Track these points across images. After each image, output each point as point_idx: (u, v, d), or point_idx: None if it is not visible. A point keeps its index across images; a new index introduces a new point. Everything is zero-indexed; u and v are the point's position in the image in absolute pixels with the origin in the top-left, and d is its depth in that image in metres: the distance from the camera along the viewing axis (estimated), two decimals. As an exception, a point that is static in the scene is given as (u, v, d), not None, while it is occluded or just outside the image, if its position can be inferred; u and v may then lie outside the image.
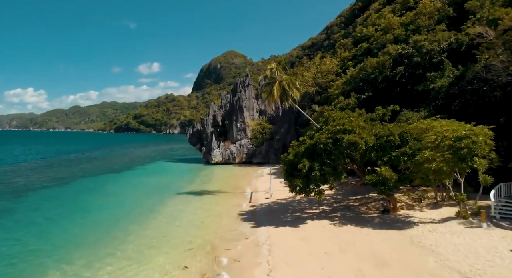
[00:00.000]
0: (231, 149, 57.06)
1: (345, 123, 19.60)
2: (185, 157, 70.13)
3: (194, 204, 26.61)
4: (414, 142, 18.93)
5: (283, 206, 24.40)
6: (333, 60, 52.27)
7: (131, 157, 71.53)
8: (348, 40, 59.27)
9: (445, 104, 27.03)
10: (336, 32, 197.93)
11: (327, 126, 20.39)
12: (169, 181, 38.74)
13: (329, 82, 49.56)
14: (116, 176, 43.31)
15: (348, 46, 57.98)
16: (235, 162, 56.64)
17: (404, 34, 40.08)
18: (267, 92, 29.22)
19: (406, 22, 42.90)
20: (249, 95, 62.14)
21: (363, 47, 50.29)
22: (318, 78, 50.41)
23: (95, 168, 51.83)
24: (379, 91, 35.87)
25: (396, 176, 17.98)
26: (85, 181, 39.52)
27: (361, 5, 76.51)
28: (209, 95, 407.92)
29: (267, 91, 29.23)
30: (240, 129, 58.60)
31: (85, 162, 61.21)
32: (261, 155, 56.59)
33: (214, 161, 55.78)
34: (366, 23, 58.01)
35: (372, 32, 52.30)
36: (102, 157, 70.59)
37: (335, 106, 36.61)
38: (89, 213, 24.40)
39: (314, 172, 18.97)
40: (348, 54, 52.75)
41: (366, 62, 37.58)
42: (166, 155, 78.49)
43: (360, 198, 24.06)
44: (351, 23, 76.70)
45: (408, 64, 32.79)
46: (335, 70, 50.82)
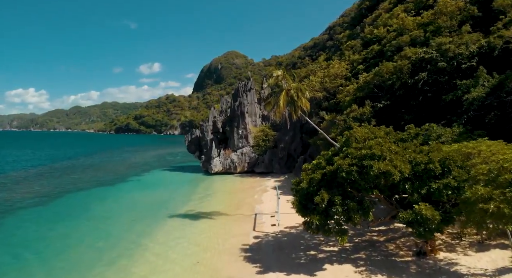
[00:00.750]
0: (232, 158, 53.49)
1: (373, 146, 16.00)
2: (183, 164, 66.61)
3: (191, 232, 23.05)
4: (459, 170, 15.32)
5: (294, 238, 20.83)
6: (341, 63, 48.67)
7: (128, 164, 68.02)
8: (356, 41, 55.70)
9: (477, 117, 23.47)
10: (339, 32, 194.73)
11: (349, 149, 16.77)
12: (164, 197, 35.19)
13: (337, 87, 45.99)
14: (107, 190, 39.76)
15: (357, 48, 54.40)
16: (236, 171, 53.07)
17: (422, 36, 36.47)
18: (272, 103, 25.69)
19: (424, 23, 39.28)
20: (251, 100, 58.56)
21: (374, 49, 46.69)
22: (325, 83, 46.81)
23: (87, 179, 48.30)
24: (397, 100, 32.30)
25: (439, 216, 14.39)
26: (72, 197, 36.00)
27: (368, 4, 72.91)
28: (210, 96, 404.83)
29: (272, 101, 25.70)
30: (241, 137, 55.03)
31: (78, 171, 57.68)
32: (264, 164, 53.01)
33: (214, 170, 52.21)
34: (376, 24, 54.40)
35: (383, 33, 48.68)
36: (97, 164, 67.08)
37: (347, 116, 33.08)
38: (67, 247, 20.90)
39: (335, 207, 15.40)
40: (358, 57, 49.14)
41: (382, 66, 33.99)
42: (164, 161, 74.97)
43: (385, 230, 20.47)
44: (358, 24, 73.08)
45: (432, 70, 29.18)
46: (344, 74, 47.21)
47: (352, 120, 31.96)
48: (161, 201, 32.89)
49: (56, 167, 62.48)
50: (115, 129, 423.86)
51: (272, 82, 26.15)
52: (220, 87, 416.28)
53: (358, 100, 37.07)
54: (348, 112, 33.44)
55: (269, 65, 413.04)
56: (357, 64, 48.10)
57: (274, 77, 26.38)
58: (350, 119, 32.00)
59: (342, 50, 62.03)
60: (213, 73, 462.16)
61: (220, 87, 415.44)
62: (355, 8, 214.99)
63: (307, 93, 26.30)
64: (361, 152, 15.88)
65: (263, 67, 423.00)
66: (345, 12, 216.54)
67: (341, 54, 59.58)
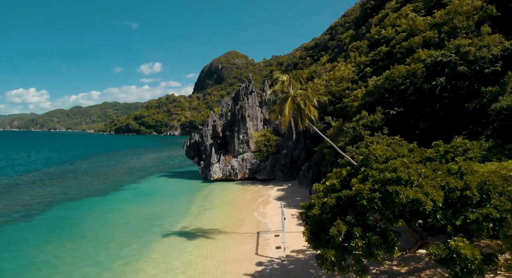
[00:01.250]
0: (232, 164, 51.12)
1: (398, 168, 13.61)
2: (182, 170, 64.28)
3: (186, 259, 20.66)
4: (501, 198, 12.94)
5: (302, 266, 18.45)
6: (348, 66, 46.27)
7: (124, 170, 65.67)
8: (363, 42, 53.30)
9: (505, 128, 21.08)
10: (340, 32, 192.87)
11: (369, 170, 14.37)
12: (159, 210, 32.81)
13: (344, 91, 43.62)
14: (99, 201, 37.38)
15: (363, 49, 52.01)
16: (236, 178, 50.71)
17: (437, 37, 34.06)
18: (277, 111, 23.34)
19: (438, 23, 36.90)
20: (253, 103, 56.23)
21: (383, 50, 44.29)
22: (331, 86, 44.43)
23: (79, 188, 45.94)
24: (410, 106, 29.90)
25: (480, 255, 12.01)
26: (61, 209, 33.67)
27: (374, 3, 70.52)
28: (210, 96, 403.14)
29: (277, 110, 23.35)
30: (242, 142, 52.68)
31: (71, 178, 55.32)
32: (266, 171, 50.64)
33: (214, 177, 49.84)
34: (384, 24, 52.00)
35: (392, 34, 46.28)
36: (92, 170, 64.73)
37: (357, 123, 30.69)
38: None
39: (354, 241, 13.05)
40: (365, 59, 46.74)
41: (393, 70, 31.60)
42: (162, 166, 72.62)
43: (407, 258, 18.07)
44: (363, 24, 70.68)
45: (450, 74, 26.78)
46: (350, 77, 44.82)
47: (362, 128, 29.59)
48: (155, 216, 30.51)
49: (49, 173, 60.16)
50: (115, 129, 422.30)
51: (277, 88, 23.79)
52: (221, 87, 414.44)
53: (368, 106, 34.67)
54: (358, 119, 31.04)
55: (269, 65, 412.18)
56: (364, 67, 45.73)
57: (280, 83, 24.01)
58: (360, 127, 29.62)
59: (347, 52, 59.63)
60: (213, 74, 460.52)
61: (221, 88, 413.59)
62: (357, 8, 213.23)
63: (315, 101, 23.92)
64: (385, 174, 13.50)
65: (263, 68, 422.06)
66: (347, 11, 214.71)
67: (346, 56, 57.19)
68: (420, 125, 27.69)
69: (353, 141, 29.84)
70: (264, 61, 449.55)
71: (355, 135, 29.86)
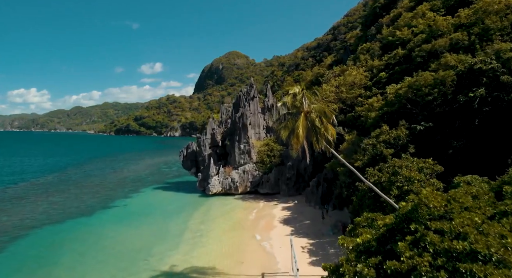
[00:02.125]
0: (232, 177, 46.99)
1: (469, 233, 9.46)
2: (179, 180, 60.22)
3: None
4: None
5: None
6: (359, 70, 42.09)
7: (118, 180, 61.62)
8: (374, 44, 49.06)
9: None
10: (343, 32, 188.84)
11: (427, 233, 10.21)
12: (149, 238, 28.71)
13: (356, 98, 39.49)
14: (83, 225, 33.26)
15: (375, 52, 47.80)
16: (237, 192, 46.60)
17: (466, 40, 29.87)
18: (287, 129, 19.28)
19: (465, 24, 32.73)
20: (254, 110, 52.14)
21: (399, 53, 40.11)
22: (341, 93, 40.27)
23: (65, 205, 41.90)
24: (439, 120, 25.74)
25: None
26: (38, 235, 29.65)
27: (383, 2, 66.31)
28: (211, 97, 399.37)
29: (287, 127, 19.29)
30: (243, 152, 48.56)
31: (59, 190, 51.19)
32: (269, 184, 46.53)
33: (212, 192, 45.73)
34: (397, 24, 47.77)
35: (408, 36, 42.08)
36: (84, 180, 60.67)
37: (377, 139, 26.53)
38: None
39: None
40: (378, 63, 42.52)
41: (418, 77, 27.44)
42: (159, 175, 68.54)
43: None
44: (372, 24, 66.45)
45: (490, 84, 22.63)
46: (363, 83, 40.66)
47: (383, 146, 25.43)
48: (142, 247, 26.37)
49: (38, 185, 56.16)
50: (115, 130, 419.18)
51: (289, 101, 19.73)
52: (221, 88, 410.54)
53: (386, 117, 30.54)
54: (377, 134, 26.88)
55: (270, 65, 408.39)
56: (378, 71, 41.55)
57: (291, 95, 19.93)
58: (381, 145, 25.46)
59: (356, 54, 55.43)
60: (214, 74, 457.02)
61: (221, 88, 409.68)
62: (360, 7, 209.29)
63: (333, 118, 19.82)
64: (452, 244, 9.35)
65: (264, 68, 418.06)
66: (350, 11, 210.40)
67: (356, 59, 52.99)
68: (453, 144, 23.54)
69: (373, 160, 25.70)
70: (265, 62, 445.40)
71: (375, 154, 25.71)
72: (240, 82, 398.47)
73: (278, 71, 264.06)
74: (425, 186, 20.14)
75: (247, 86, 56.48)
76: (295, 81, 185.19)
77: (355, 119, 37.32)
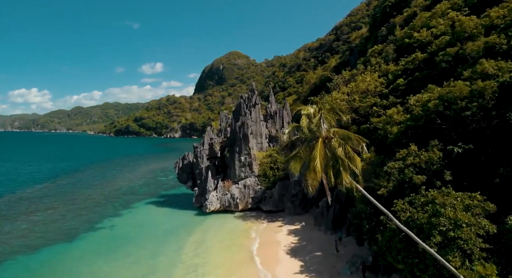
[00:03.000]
0: (232, 192, 42.76)
1: None
2: (175, 192, 56.03)
3: None
4: None
5: None
6: (374, 76, 37.78)
7: (110, 191, 57.40)
8: (388, 46, 44.65)
9: None
10: (346, 32, 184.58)
11: None
12: (133, 275, 24.46)
13: (370, 108, 35.20)
14: (61, 252, 29.07)
15: (389, 55, 43.47)
16: (237, 209, 42.37)
17: (505, 44, 25.58)
18: (300, 160, 15.14)
19: (499, 25, 28.41)
20: (256, 118, 47.89)
21: (418, 58, 35.82)
22: (354, 102, 36.00)
23: (46, 226, 37.73)
24: (479, 140, 21.44)
25: None
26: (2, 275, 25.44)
27: (394, 1, 61.97)
28: (211, 97, 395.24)
29: (299, 158, 15.14)
30: (244, 165, 44.32)
31: (44, 206, 46.96)
32: (273, 200, 42.29)
33: (210, 209, 41.49)
34: (413, 25, 43.43)
35: (427, 37, 37.81)
36: (73, 192, 56.39)
37: (404, 161, 22.24)
38: None
39: None
40: (394, 68, 38.17)
41: (452, 88, 23.15)
42: (154, 185, 64.32)
43: None
44: (382, 24, 62.13)
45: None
46: (378, 91, 36.39)
47: (412, 171, 21.17)
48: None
49: (23, 198, 52.08)
50: (115, 131, 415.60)
51: (303, 125, 15.59)
52: (222, 88, 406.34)
53: (411, 134, 26.32)
54: (404, 155, 22.60)
55: (271, 65, 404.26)
56: (394, 77, 37.26)
57: (304, 117, 15.78)
58: (409, 170, 21.19)
59: (367, 57, 51.10)
60: (214, 74, 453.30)
61: (222, 89, 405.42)
62: (363, 7, 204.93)
63: (363, 146, 15.60)
64: None
65: (265, 68, 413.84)
66: (352, 11, 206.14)
67: (367, 62, 48.67)
68: (499, 171, 19.26)
69: (400, 188, 21.46)
70: (266, 62, 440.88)
71: (403, 181, 21.46)
72: (241, 83, 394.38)
73: (279, 72, 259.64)
74: (475, 230, 15.92)
75: (248, 91, 52.24)
76: (297, 82, 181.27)
77: (371, 132, 32.98)
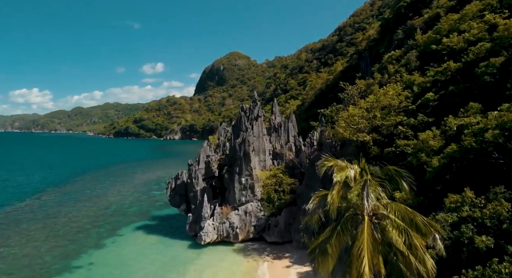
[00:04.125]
0: (231, 220, 37.29)
1: None
2: (168, 212, 50.54)
3: None
4: None
5: None
6: (397, 87, 32.20)
7: (96, 211, 51.91)
8: (411, 53, 38.95)
9: None
10: (350, 33, 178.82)
11: None
12: None
13: (395, 127, 29.74)
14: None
15: (411, 63, 37.90)
16: (237, 240, 36.93)
17: None
18: (333, 252, 9.79)
19: None
20: (259, 132, 42.46)
21: (450, 67, 30.30)
22: (375, 119, 30.52)
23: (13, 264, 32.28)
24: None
25: None
26: None
27: (409, 1, 56.35)
28: (212, 98, 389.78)
29: (333, 248, 9.78)
30: (245, 187, 38.84)
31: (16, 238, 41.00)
32: (278, 230, 36.86)
33: (206, 241, 36.02)
34: (439, 29, 37.83)
35: (459, 44, 32.30)
36: (54, 214, 50.75)
37: (458, 214, 16.74)
38: None
39: None
40: (421, 79, 32.55)
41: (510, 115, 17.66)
42: (147, 202, 58.87)
43: None
44: (396, 26, 56.58)
45: None
46: (403, 106, 30.87)
47: (473, 229, 15.67)
48: None
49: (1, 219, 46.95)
50: (114, 133, 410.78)
51: (334, 198, 10.27)
52: (222, 89, 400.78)
53: (456, 168, 20.85)
54: (458, 205, 17.10)
55: (272, 66, 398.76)
56: (422, 90, 31.74)
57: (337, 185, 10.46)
58: (468, 228, 15.69)
59: (383, 63, 45.55)
60: (215, 75, 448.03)
61: (222, 89, 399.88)
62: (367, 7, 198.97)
63: (437, 237, 10.15)
64: None
65: (266, 69, 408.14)
66: (356, 11, 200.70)
67: (383, 69, 43.13)
68: None
69: (455, 251, 15.94)
70: (266, 63, 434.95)
71: (458, 241, 15.96)
72: (242, 84, 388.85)
73: (281, 74, 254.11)
74: None
75: (250, 102, 46.80)
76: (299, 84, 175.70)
77: (397, 157, 27.57)
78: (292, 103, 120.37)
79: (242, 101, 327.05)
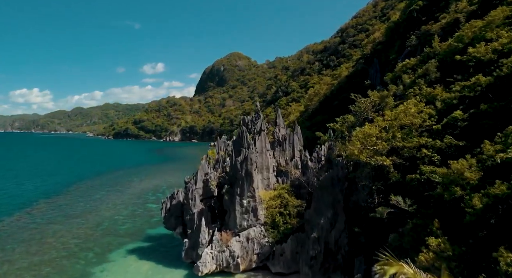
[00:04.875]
0: (232, 248, 33.73)
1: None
2: (163, 232, 46.77)
3: None
4: None
5: None
6: (420, 105, 28.56)
7: (86, 230, 48.31)
8: (430, 63, 35.20)
9: None
10: (352, 34, 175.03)
11: None
12: None
13: (418, 150, 26.15)
14: None
15: (431, 74, 34.29)
16: (238, 270, 33.36)
17: None
18: None
19: None
20: (262, 148, 38.92)
21: (480, 82, 26.74)
22: (395, 140, 26.95)
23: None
24: None
25: None
26: None
27: (422, 4, 52.77)
28: (212, 99, 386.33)
29: None
30: (247, 211, 35.27)
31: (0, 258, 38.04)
32: (284, 259, 33.29)
33: (203, 272, 32.45)
34: (461, 36, 34.24)
35: (488, 54, 28.72)
36: (40, 233, 47.20)
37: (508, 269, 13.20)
38: None
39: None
40: (447, 95, 28.85)
41: None
42: (141, 217, 55.33)
43: None
44: (407, 31, 53.01)
45: None
46: (426, 125, 27.30)
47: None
48: None
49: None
50: (114, 134, 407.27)
51: None
52: (222, 90, 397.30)
53: (503, 210, 17.31)
54: (507, 266, 13.57)
55: (273, 67, 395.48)
56: (447, 107, 28.14)
57: None
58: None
59: (396, 72, 41.97)
60: (215, 76, 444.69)
61: (222, 90, 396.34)
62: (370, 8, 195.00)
63: None
64: None
65: (267, 70, 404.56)
66: (358, 13, 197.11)
67: (397, 79, 39.54)
68: None
69: None
70: (267, 63, 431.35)
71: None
72: (242, 85, 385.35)
73: (282, 76, 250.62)
74: None
75: (253, 113, 43.27)
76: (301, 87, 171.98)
77: (422, 185, 24.04)
78: (294, 107, 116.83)
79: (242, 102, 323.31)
